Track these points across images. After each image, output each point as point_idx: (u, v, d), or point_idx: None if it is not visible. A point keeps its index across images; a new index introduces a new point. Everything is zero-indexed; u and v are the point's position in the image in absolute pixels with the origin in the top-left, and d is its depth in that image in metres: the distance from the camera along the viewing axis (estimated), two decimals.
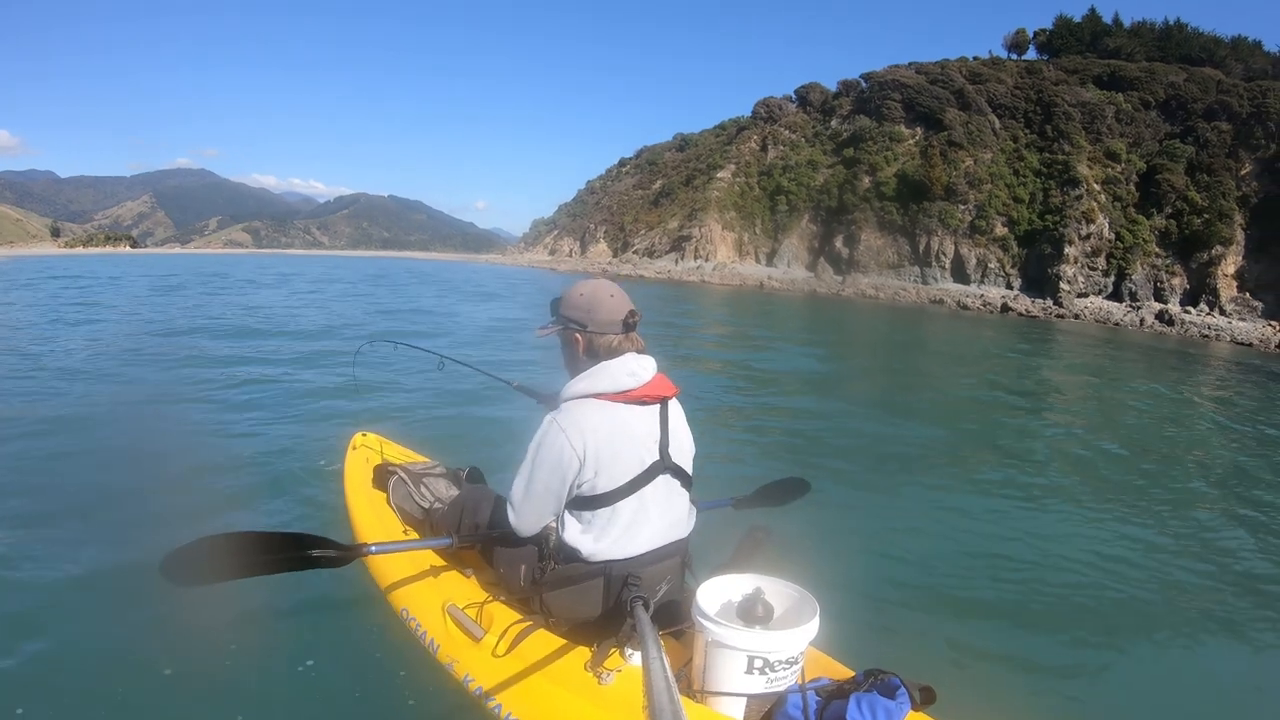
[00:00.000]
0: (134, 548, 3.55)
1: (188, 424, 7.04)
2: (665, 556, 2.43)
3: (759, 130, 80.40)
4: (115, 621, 3.14)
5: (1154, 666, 3.72)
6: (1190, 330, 41.25)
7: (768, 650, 2.03)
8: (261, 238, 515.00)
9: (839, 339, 24.88)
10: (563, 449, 2.22)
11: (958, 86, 66.04)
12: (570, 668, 2.28)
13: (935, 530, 5.52)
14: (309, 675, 2.89)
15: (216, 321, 16.04)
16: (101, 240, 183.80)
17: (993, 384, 15.25)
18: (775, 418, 9.66)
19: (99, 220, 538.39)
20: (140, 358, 10.80)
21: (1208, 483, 7.78)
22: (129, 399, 8.06)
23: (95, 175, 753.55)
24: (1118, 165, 57.37)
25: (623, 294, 2.45)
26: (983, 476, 7.45)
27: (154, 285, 28.35)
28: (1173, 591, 4.64)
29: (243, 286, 29.97)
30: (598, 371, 2.34)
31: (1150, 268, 51.95)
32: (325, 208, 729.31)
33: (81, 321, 15.09)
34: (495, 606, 2.59)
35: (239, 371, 9.71)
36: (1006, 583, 4.61)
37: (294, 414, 7.44)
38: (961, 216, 58.39)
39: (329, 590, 3.31)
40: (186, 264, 55.91)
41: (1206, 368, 23.43)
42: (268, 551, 2.05)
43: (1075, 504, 6.52)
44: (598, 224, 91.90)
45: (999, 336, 28.85)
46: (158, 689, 2.72)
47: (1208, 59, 65.82)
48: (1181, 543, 5.61)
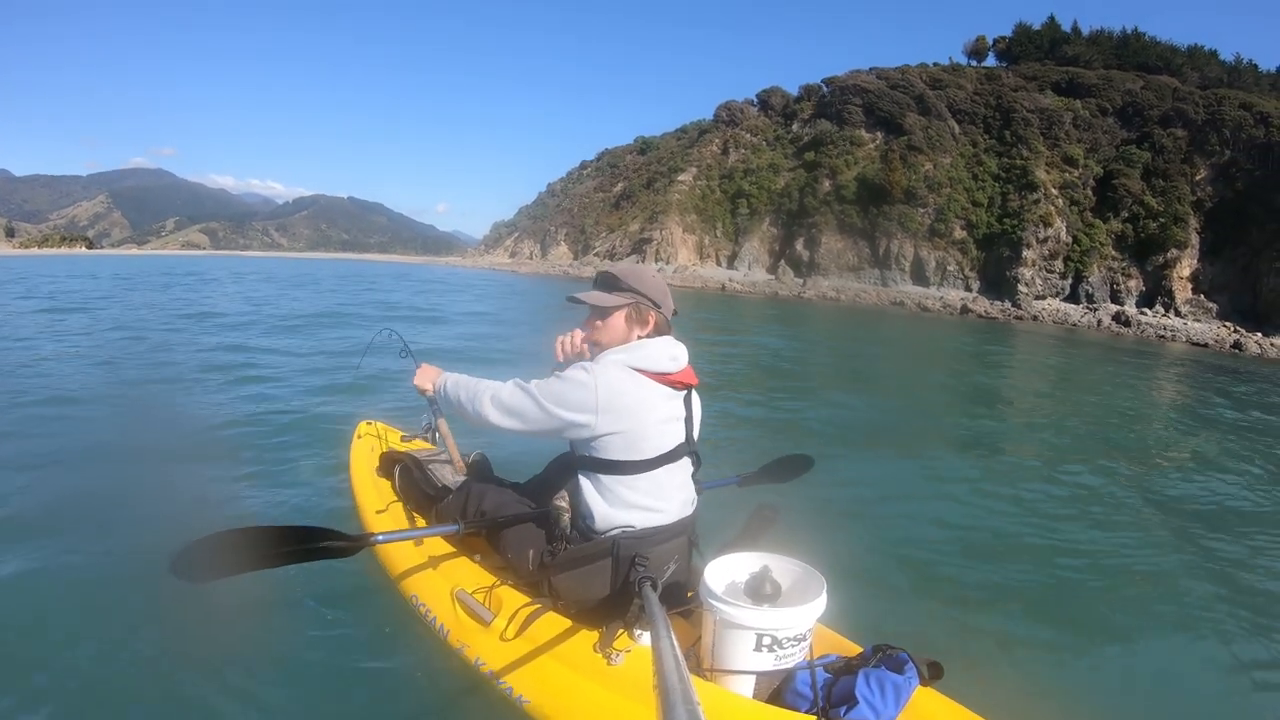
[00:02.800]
0: (141, 543, 3.53)
1: (190, 416, 6.97)
2: (673, 535, 2.41)
3: (720, 134, 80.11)
4: (124, 614, 3.07)
5: (1160, 646, 3.71)
6: (1146, 331, 41.74)
7: (776, 628, 2.04)
8: (219, 239, 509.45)
9: (817, 334, 25.26)
10: (583, 388, 2.20)
11: (918, 92, 66.24)
12: (579, 649, 2.28)
13: (942, 508, 5.53)
14: (321, 662, 2.87)
15: (202, 321, 15.49)
16: (57, 241, 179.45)
17: (973, 378, 15.79)
18: (780, 401, 10.10)
19: (54, 220, 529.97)
20: (131, 355, 10.40)
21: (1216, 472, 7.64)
22: (130, 396, 7.92)
23: (51, 174, 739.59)
24: (1075, 170, 57.96)
25: (653, 272, 2.57)
26: (988, 457, 7.66)
27: (142, 283, 28.39)
28: (1183, 573, 4.60)
29: (221, 283, 30.48)
30: (639, 347, 2.35)
31: (1107, 270, 52.41)
32: (284, 209, 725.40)
33: (59, 321, 14.29)
34: (503, 590, 2.60)
35: (235, 365, 9.57)
36: (1013, 560, 4.63)
37: (297, 404, 7.38)
38: (921, 220, 58.54)
39: (339, 578, 3.29)
40: (153, 265, 55.16)
41: (1169, 365, 23.94)
42: (276, 545, 2.03)
43: (1081, 487, 6.51)
44: (558, 226, 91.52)
45: (968, 336, 29.47)
46: (169, 679, 2.69)
47: (1164, 67, 66.98)
48: (1192, 527, 5.57)
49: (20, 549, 3.65)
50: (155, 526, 3.77)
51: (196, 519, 3.99)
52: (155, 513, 4.10)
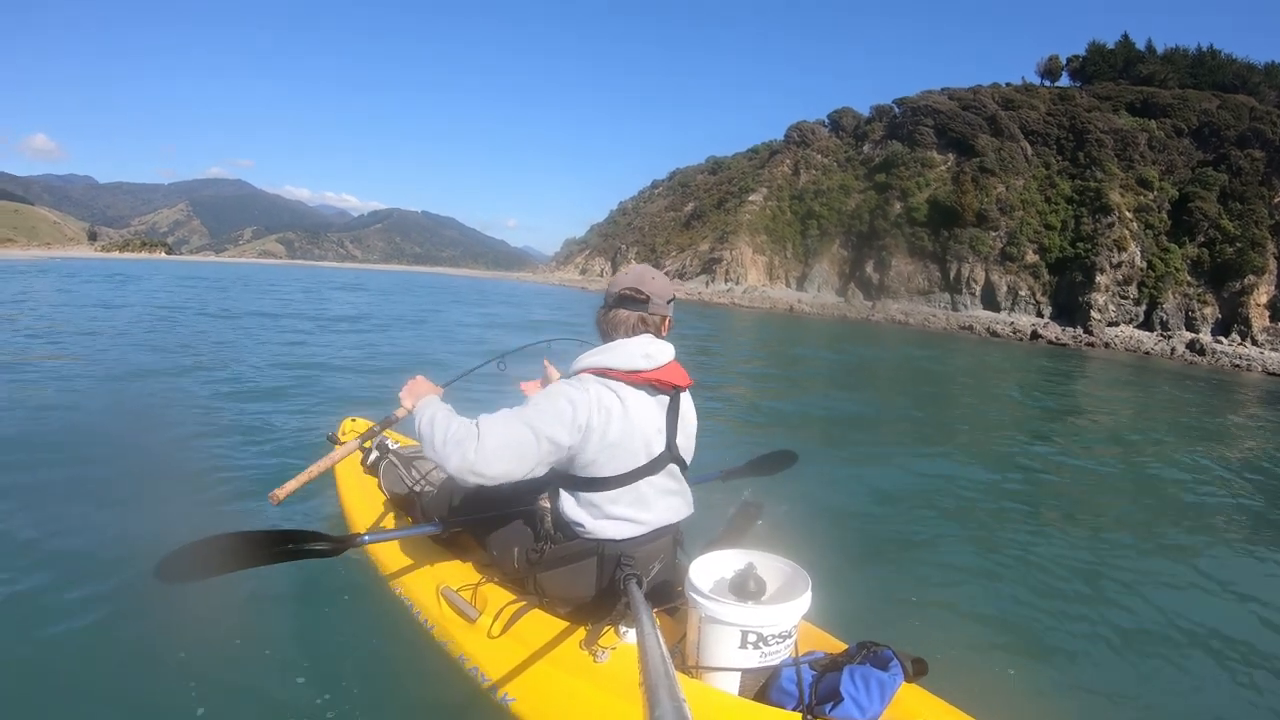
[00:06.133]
0: (128, 540, 3.64)
1: (189, 415, 6.96)
2: (659, 537, 2.40)
3: (791, 154, 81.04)
4: (110, 613, 3.14)
5: (1147, 645, 3.73)
6: (1221, 360, 40.48)
7: (761, 625, 2.05)
8: (295, 249, 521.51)
9: (867, 352, 25.31)
10: (563, 413, 2.12)
11: (990, 113, 66.36)
12: (565, 647, 2.30)
13: (926, 506, 5.75)
14: (306, 659, 2.91)
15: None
16: (138, 246, 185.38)
17: (1012, 396, 15.93)
18: (778, 402, 10.73)
19: (135, 226, 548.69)
20: (155, 356, 10.92)
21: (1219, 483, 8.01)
22: (136, 397, 8.06)
23: (133, 182, 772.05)
24: (1150, 193, 57.11)
25: (643, 271, 2.45)
26: (974, 453, 7.91)
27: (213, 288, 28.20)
28: (1174, 576, 4.77)
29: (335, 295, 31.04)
30: (612, 348, 2.30)
31: (1182, 296, 51.53)
32: (358, 221, 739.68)
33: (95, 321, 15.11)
34: (489, 588, 2.61)
35: (260, 363, 10.31)
36: (996, 556, 4.74)
37: (292, 403, 7.67)
38: (993, 243, 58.49)
39: (325, 576, 3.31)
40: (233, 273, 55.54)
41: (1239, 395, 23.24)
42: (260, 547, 2.07)
43: (1069, 481, 6.99)
44: (629, 244, 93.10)
45: (1031, 360, 28.83)
46: (154, 679, 2.73)
47: (1241, 85, 65.85)
48: (1181, 532, 5.88)
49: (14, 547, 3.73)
50: (138, 525, 3.90)
51: (181, 513, 4.13)
52: (139, 511, 4.19)
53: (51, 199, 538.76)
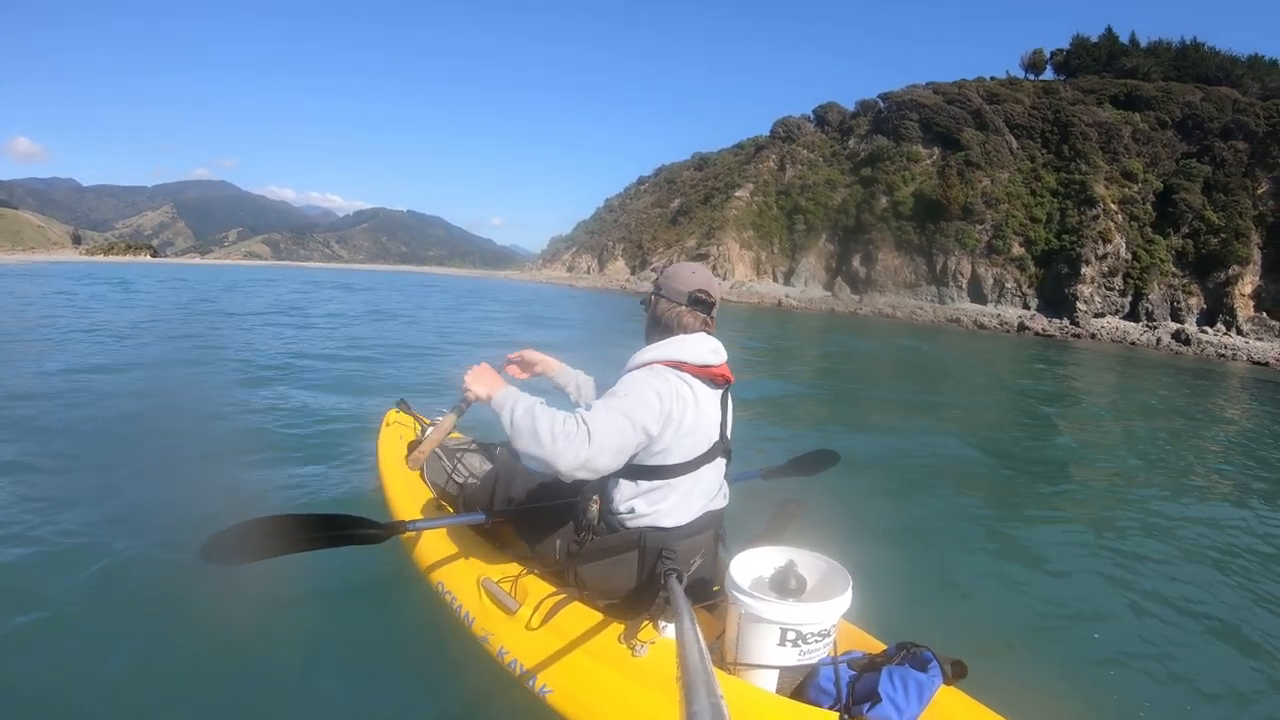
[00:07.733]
0: (176, 528, 3.66)
1: (224, 405, 7.19)
2: (701, 529, 2.42)
3: (777, 149, 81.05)
4: (155, 601, 3.18)
5: (1192, 655, 3.58)
6: (1207, 350, 40.69)
7: (800, 623, 2.05)
8: (280, 250, 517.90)
9: (865, 345, 25.49)
10: (651, 403, 2.14)
11: (975, 106, 66.54)
12: (604, 640, 2.30)
13: (968, 507, 5.71)
14: (345, 646, 2.96)
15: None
16: (122, 249, 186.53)
17: (1018, 388, 16.07)
18: (808, 399, 10.84)
19: (119, 229, 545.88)
20: (179, 348, 11.58)
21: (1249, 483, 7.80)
22: (169, 387, 8.36)
23: (117, 185, 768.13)
24: (1134, 185, 57.39)
25: (705, 273, 2.51)
26: (1020, 457, 7.80)
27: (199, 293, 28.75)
28: (1217, 582, 4.58)
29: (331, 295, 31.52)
30: (681, 342, 2.34)
31: (1167, 287, 51.80)
32: (344, 221, 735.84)
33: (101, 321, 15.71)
34: (529, 580, 2.64)
35: (279, 357, 10.60)
36: (1041, 561, 4.65)
37: (331, 393, 7.88)
38: (978, 236, 58.65)
39: (366, 566, 3.35)
40: (220, 276, 54.82)
41: (1224, 382, 23.42)
42: (306, 531, 2.12)
43: (1112, 493, 6.74)
44: (616, 241, 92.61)
45: (1023, 353, 29.12)
46: (195, 661, 2.77)
47: (1224, 78, 65.93)
48: (1226, 536, 5.59)
49: (56, 530, 3.85)
50: (184, 511, 3.97)
51: (224, 502, 4.20)
52: (184, 498, 4.29)
53: (35, 203, 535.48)
